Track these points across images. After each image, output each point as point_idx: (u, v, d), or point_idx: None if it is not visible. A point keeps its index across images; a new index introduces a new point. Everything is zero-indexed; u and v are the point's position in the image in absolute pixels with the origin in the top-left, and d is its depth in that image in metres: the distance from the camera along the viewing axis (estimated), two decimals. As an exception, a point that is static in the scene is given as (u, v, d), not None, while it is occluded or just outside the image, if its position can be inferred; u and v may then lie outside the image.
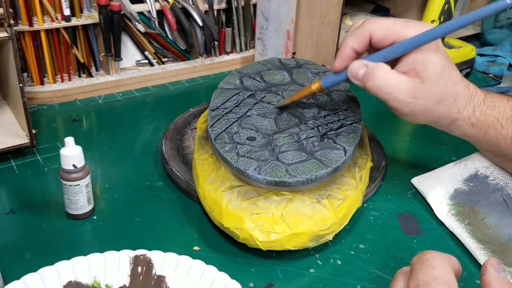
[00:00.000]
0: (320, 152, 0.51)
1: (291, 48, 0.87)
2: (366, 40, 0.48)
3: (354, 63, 0.48)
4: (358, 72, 0.48)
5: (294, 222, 0.48)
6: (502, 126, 0.50)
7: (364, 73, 0.47)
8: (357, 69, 0.48)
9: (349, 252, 0.52)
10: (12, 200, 0.56)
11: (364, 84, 0.48)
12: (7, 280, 0.45)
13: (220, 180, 0.51)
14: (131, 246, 0.49)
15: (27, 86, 0.77)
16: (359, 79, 0.48)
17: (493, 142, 0.51)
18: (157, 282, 0.44)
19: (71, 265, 0.44)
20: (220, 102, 0.57)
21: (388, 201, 0.59)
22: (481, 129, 0.51)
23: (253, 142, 0.52)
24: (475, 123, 0.51)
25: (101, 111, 0.77)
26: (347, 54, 0.49)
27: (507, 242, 0.52)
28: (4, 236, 0.51)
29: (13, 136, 0.64)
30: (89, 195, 0.53)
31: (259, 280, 0.48)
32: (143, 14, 0.82)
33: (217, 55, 0.92)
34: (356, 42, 0.49)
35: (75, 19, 0.77)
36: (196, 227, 0.54)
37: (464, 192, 0.57)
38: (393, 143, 0.72)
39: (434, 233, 0.55)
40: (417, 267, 0.34)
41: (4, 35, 0.58)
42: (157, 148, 0.67)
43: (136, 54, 0.86)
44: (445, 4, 0.86)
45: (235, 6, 0.90)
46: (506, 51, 0.98)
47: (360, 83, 0.48)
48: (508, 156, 0.53)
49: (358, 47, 0.49)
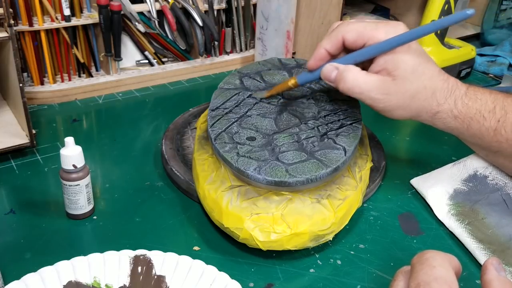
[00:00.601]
0: (320, 152, 0.51)
1: (291, 48, 0.87)
2: (339, 42, 0.52)
3: (326, 66, 0.52)
4: (331, 74, 0.52)
5: (294, 222, 0.48)
6: (484, 118, 0.51)
7: (336, 75, 0.51)
8: (329, 71, 0.52)
9: (349, 252, 0.52)
10: (12, 200, 0.56)
11: (337, 85, 0.52)
12: (7, 280, 0.45)
13: (220, 180, 0.51)
14: (131, 246, 0.49)
15: (27, 86, 0.77)
16: (331, 80, 0.52)
17: (477, 134, 0.52)
18: (157, 282, 0.44)
19: (71, 265, 0.44)
20: (220, 102, 0.57)
21: (388, 201, 0.59)
22: (464, 122, 0.52)
23: (253, 142, 0.52)
24: (457, 115, 0.51)
25: (101, 111, 0.77)
26: (320, 55, 0.53)
27: (507, 242, 0.52)
28: (4, 236, 0.51)
29: (13, 136, 0.64)
30: (89, 195, 0.53)
31: (259, 280, 0.48)
32: (143, 14, 0.82)
33: (217, 55, 0.92)
34: (329, 44, 0.52)
35: (75, 19, 0.77)
36: (196, 227, 0.54)
37: (463, 192, 0.57)
38: (393, 143, 0.72)
39: (434, 233, 0.55)
40: (418, 267, 0.34)
41: (4, 35, 0.58)
42: (157, 148, 0.67)
43: (136, 54, 0.86)
44: (445, 4, 0.86)
45: (235, 6, 0.90)
46: (506, 51, 0.98)
47: (333, 84, 0.52)
48: (492, 148, 0.53)
49: (331, 49, 0.52)
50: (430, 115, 0.52)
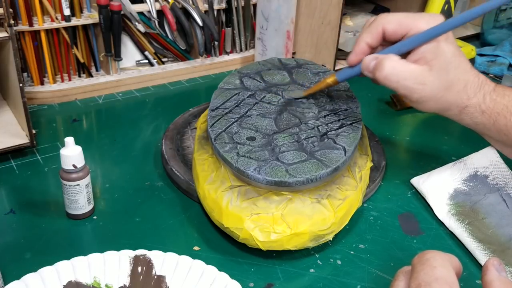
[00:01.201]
0: (320, 152, 0.51)
1: (291, 48, 0.87)
2: (379, 34, 0.51)
3: (367, 57, 0.51)
4: (369, 64, 0.51)
5: (294, 222, 0.48)
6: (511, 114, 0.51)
7: (374, 64, 0.50)
8: (369, 61, 0.51)
9: (349, 252, 0.52)
10: (12, 200, 0.56)
11: (374, 74, 0.50)
12: (7, 280, 0.45)
13: (220, 180, 0.51)
14: (131, 246, 0.49)
15: (27, 86, 0.77)
16: (370, 70, 0.51)
17: (503, 130, 0.52)
18: (157, 282, 0.44)
19: (71, 265, 0.44)
20: (220, 102, 0.57)
21: (388, 201, 0.59)
22: (490, 117, 0.52)
23: (253, 142, 0.51)
24: (485, 110, 0.51)
25: (101, 111, 0.77)
26: (361, 49, 0.52)
27: (507, 242, 0.52)
28: (4, 236, 0.51)
29: (13, 136, 0.63)
30: (89, 195, 0.53)
31: (259, 280, 0.48)
32: (143, 14, 0.82)
33: (217, 55, 0.92)
34: (370, 37, 0.51)
35: (75, 19, 0.77)
36: (196, 227, 0.54)
37: (463, 192, 0.57)
38: (393, 143, 0.72)
39: (434, 233, 0.55)
40: (418, 267, 0.34)
41: (4, 35, 0.58)
42: (157, 148, 0.67)
43: (136, 54, 0.86)
44: (445, 4, 0.86)
45: (235, 6, 0.90)
46: (506, 51, 0.98)
47: (371, 75, 0.51)
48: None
49: (372, 42, 0.52)
50: (459, 109, 0.52)
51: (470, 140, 0.58)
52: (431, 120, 0.78)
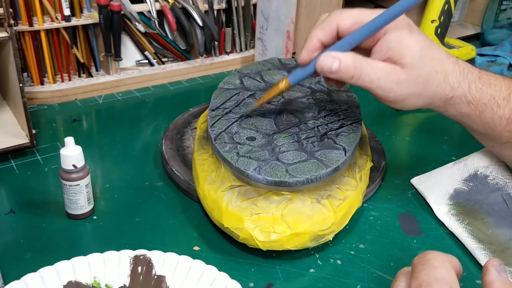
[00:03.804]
0: (320, 152, 0.51)
1: (291, 48, 0.87)
2: (333, 31, 0.47)
3: (323, 57, 0.46)
4: (331, 65, 0.45)
5: (294, 222, 0.48)
6: (498, 105, 0.49)
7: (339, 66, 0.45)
8: (329, 62, 0.46)
9: (349, 252, 0.52)
10: (12, 200, 0.56)
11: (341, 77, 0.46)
12: (7, 280, 0.45)
13: (220, 180, 0.51)
14: (131, 246, 0.49)
15: (27, 86, 0.77)
16: (333, 72, 0.46)
17: (489, 123, 0.50)
18: (157, 282, 0.44)
19: (71, 265, 0.44)
20: (220, 102, 0.57)
21: (388, 201, 0.59)
22: (477, 108, 0.49)
23: (253, 142, 0.51)
24: (471, 100, 0.49)
25: (101, 111, 0.77)
26: (314, 46, 0.48)
27: (507, 242, 0.52)
28: (4, 236, 0.51)
29: (13, 136, 0.63)
30: (89, 195, 0.53)
31: (259, 280, 0.48)
32: (143, 14, 0.82)
33: (217, 55, 0.92)
34: (323, 33, 0.47)
35: (75, 19, 0.77)
36: (196, 227, 0.54)
37: (463, 192, 0.57)
38: (393, 143, 0.72)
39: (434, 233, 0.55)
40: (419, 267, 0.34)
41: (4, 35, 0.57)
42: (157, 148, 0.67)
43: (136, 54, 0.86)
44: (445, 4, 0.86)
45: (235, 6, 0.90)
46: (506, 51, 0.98)
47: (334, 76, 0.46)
48: (502, 139, 0.51)
49: (325, 39, 0.48)
50: (443, 101, 0.49)
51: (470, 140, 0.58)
52: (431, 120, 0.78)
